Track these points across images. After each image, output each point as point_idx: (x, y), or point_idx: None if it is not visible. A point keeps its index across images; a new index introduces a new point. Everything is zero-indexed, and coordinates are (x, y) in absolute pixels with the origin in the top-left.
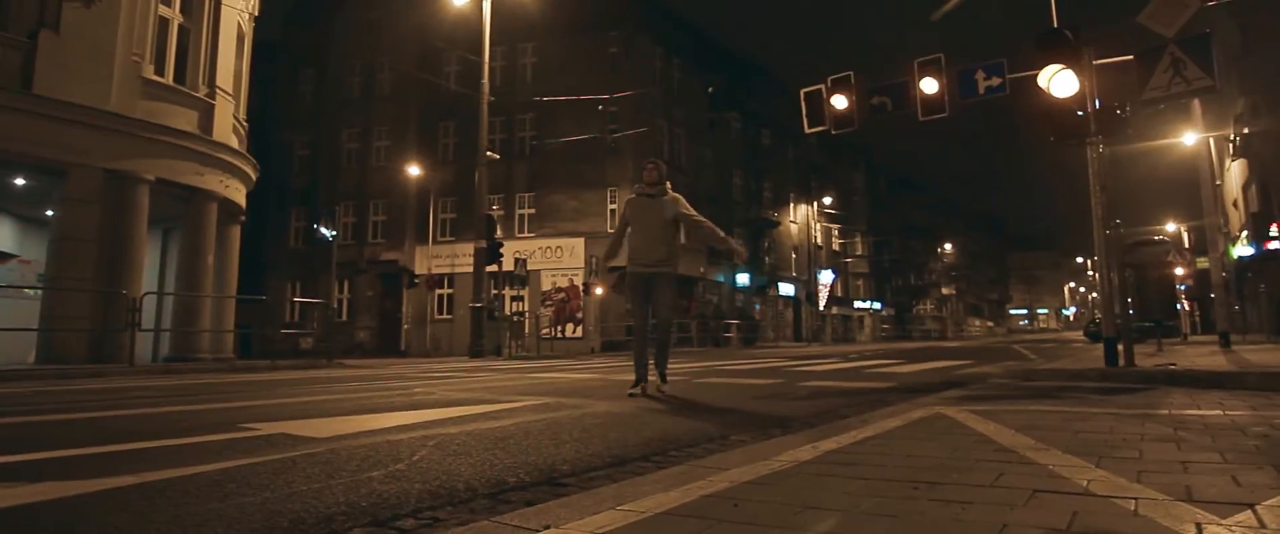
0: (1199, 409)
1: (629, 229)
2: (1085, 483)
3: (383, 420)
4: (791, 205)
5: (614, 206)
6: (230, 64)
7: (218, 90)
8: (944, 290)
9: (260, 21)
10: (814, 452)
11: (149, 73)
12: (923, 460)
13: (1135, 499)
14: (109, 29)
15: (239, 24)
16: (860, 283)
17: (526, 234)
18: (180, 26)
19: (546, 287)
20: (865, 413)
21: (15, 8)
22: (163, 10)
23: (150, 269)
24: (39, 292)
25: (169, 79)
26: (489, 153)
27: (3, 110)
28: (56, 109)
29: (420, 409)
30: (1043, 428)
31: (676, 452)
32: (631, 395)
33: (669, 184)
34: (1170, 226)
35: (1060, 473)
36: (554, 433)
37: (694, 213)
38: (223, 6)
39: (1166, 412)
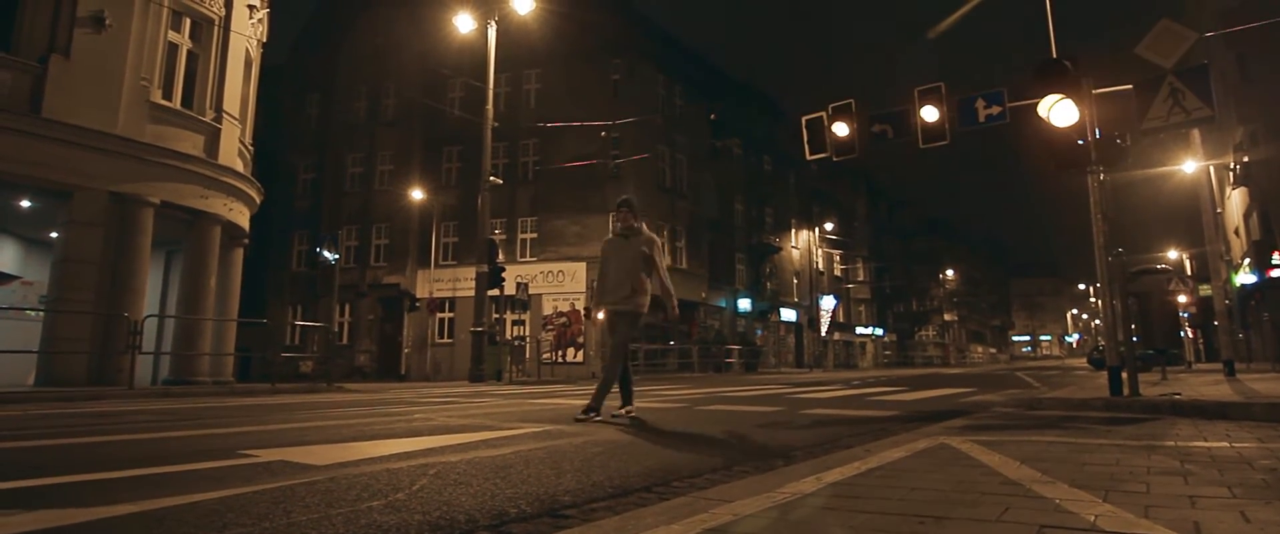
0: (1205, 441)
1: (605, 269)
2: (1093, 518)
3: (382, 447)
4: (793, 231)
5: (613, 236)
6: (237, 89)
7: (224, 114)
8: (946, 316)
9: (267, 46)
10: (817, 483)
11: (157, 97)
12: (928, 493)
13: None
14: (118, 54)
15: (247, 50)
16: (862, 309)
17: (528, 258)
18: (189, 52)
19: (548, 311)
20: (868, 443)
21: (26, 33)
22: (172, 36)
23: (152, 291)
24: (40, 313)
25: (176, 103)
26: (492, 178)
27: (11, 133)
28: (64, 133)
29: (420, 436)
30: (1048, 459)
31: (679, 482)
32: (614, 418)
33: (644, 225)
34: (1172, 254)
35: (1067, 507)
36: (555, 462)
37: (659, 258)
38: (231, 33)
39: (1173, 443)
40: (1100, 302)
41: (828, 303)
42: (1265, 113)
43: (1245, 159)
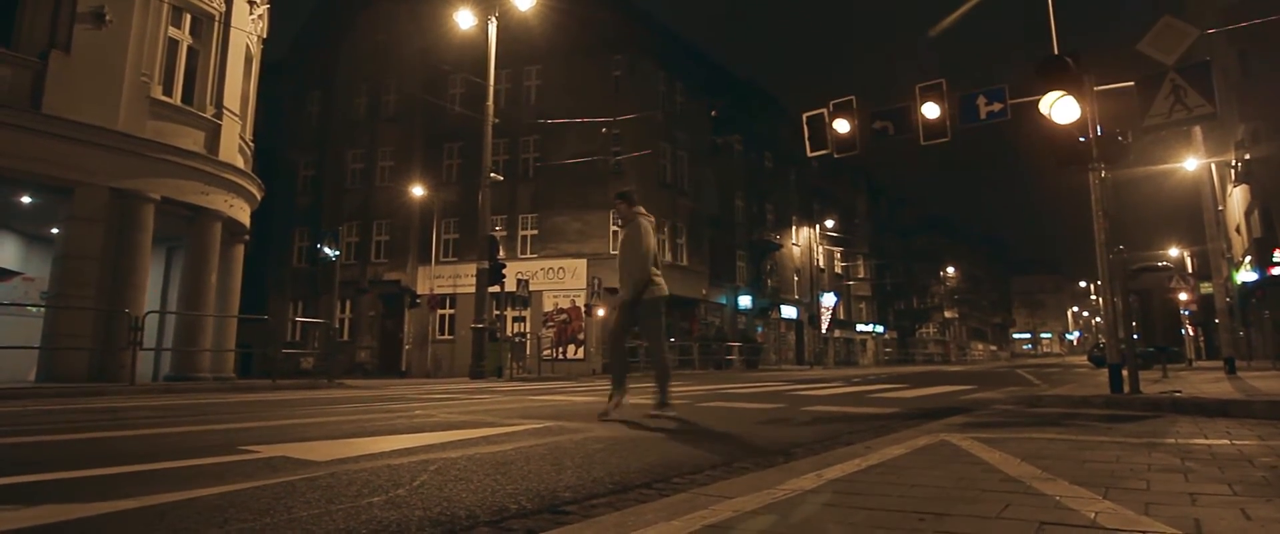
0: (1206, 438)
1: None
2: (1093, 515)
3: (383, 444)
4: (794, 228)
5: (615, 228)
6: (238, 85)
7: (225, 111)
8: (947, 314)
9: (268, 43)
10: (817, 480)
11: (157, 93)
12: (928, 490)
13: (1144, 533)
14: (119, 50)
15: (247, 46)
16: (862, 306)
17: (529, 255)
18: (189, 48)
19: (548, 308)
20: (869, 440)
21: (27, 28)
22: (172, 32)
23: (153, 287)
24: (42, 309)
25: (177, 99)
26: (492, 174)
27: (11, 129)
28: (64, 128)
29: (421, 432)
30: (1049, 457)
31: (679, 479)
32: (601, 417)
33: (640, 208)
34: (1173, 251)
35: (1067, 505)
36: (556, 458)
37: (644, 238)
38: (232, 29)
39: (1173, 441)
40: (1101, 299)
41: (828, 300)
42: (1267, 110)
43: (1247, 156)
